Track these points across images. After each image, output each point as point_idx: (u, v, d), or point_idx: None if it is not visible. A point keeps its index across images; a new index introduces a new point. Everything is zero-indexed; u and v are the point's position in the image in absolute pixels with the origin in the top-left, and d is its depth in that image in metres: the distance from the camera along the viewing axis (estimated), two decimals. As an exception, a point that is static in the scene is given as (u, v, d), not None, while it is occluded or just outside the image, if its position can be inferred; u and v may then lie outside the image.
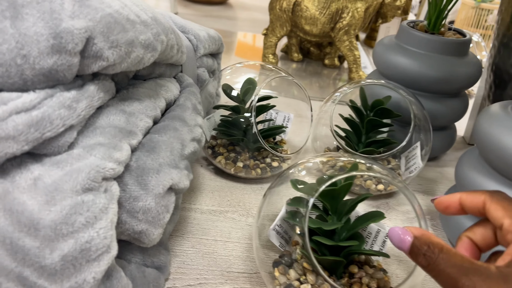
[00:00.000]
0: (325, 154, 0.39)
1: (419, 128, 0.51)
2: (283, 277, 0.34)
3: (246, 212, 0.46)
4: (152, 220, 0.30)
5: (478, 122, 0.42)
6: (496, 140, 0.38)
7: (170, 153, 0.32)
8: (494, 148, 0.39)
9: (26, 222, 0.25)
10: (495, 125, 0.39)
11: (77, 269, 0.25)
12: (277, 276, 0.35)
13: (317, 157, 0.37)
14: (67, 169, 0.26)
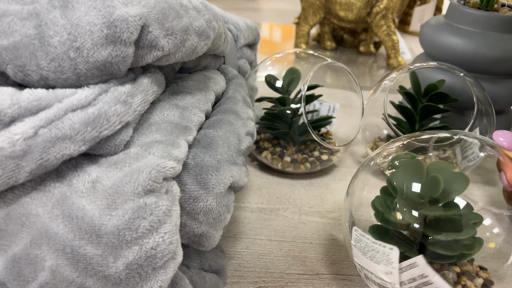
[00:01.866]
0: (400, 138, 0.36)
1: (481, 112, 0.48)
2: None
3: (298, 209, 0.44)
4: (213, 221, 0.28)
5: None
6: None
7: (228, 148, 0.30)
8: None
9: (87, 229, 0.23)
10: None
11: (143, 278, 0.23)
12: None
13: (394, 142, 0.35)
14: (126, 170, 0.24)
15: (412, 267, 0.28)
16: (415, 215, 0.30)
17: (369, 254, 0.30)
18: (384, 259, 0.29)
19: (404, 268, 0.28)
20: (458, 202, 0.31)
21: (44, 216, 0.23)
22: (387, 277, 0.29)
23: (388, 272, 0.29)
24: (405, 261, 0.28)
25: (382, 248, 0.29)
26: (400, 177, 0.31)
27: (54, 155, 0.22)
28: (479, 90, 0.47)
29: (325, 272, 0.36)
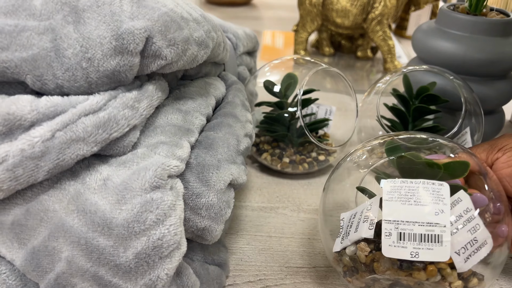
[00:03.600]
0: (382, 136, 0.38)
1: (469, 113, 0.50)
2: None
3: (296, 208, 0.46)
4: (214, 216, 0.30)
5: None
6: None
7: (227, 149, 0.32)
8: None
9: (100, 222, 0.25)
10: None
11: (151, 266, 0.25)
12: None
13: (375, 139, 0.37)
14: (134, 168, 0.26)
15: (458, 202, 0.29)
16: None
17: (414, 198, 0.29)
18: (435, 197, 0.29)
19: (453, 203, 0.28)
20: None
21: (60, 212, 0.26)
22: (437, 218, 0.28)
23: (439, 211, 0.28)
24: (451, 196, 0.28)
25: (432, 186, 0.29)
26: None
27: (69, 155, 0.25)
28: (467, 91, 0.49)
29: (322, 265, 0.38)
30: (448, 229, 0.28)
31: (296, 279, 0.37)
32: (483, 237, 0.29)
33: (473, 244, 0.29)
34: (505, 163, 0.34)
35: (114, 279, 0.26)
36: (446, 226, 0.28)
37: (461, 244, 0.28)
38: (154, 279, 0.25)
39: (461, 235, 0.28)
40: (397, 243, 0.29)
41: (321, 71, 0.52)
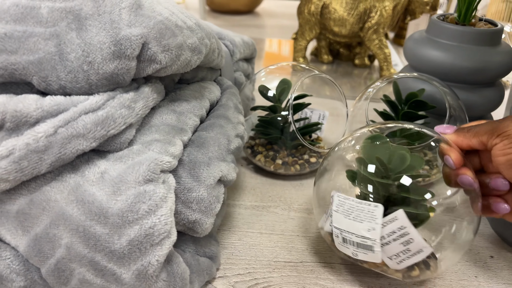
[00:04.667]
0: (371, 125, 0.41)
1: (455, 118, 0.52)
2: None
3: (287, 207, 0.48)
4: (205, 209, 0.32)
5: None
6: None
7: (218, 147, 0.34)
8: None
9: (96, 211, 0.27)
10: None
11: (143, 253, 0.28)
12: None
13: (364, 127, 0.40)
14: (130, 163, 0.29)
15: (392, 220, 0.32)
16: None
17: (353, 215, 0.33)
18: (369, 217, 0.33)
19: (385, 222, 0.32)
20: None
21: (61, 201, 0.28)
22: (369, 233, 0.33)
23: (371, 228, 0.33)
24: (387, 216, 0.32)
25: (367, 207, 0.33)
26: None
27: (70, 150, 0.27)
28: (453, 98, 0.51)
29: (308, 260, 0.40)
30: (378, 243, 0.33)
31: (283, 273, 0.39)
32: (418, 247, 0.33)
33: (406, 252, 0.33)
34: (501, 150, 0.33)
35: (109, 264, 0.28)
36: (376, 241, 0.33)
37: (393, 252, 0.34)
38: (145, 265, 0.28)
39: (394, 246, 0.33)
40: (343, 244, 0.35)
41: (319, 79, 0.54)
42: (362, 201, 0.33)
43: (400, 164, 0.35)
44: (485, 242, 0.44)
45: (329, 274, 0.39)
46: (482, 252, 0.43)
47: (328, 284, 0.38)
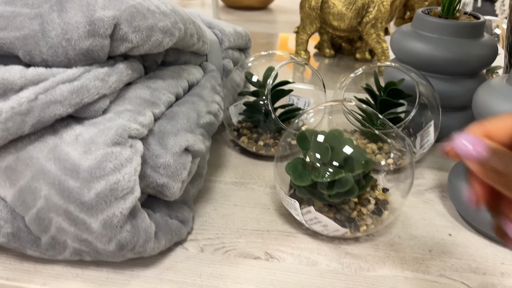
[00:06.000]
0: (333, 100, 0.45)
1: (432, 108, 0.54)
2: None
3: (264, 184, 0.51)
4: (171, 175, 0.37)
5: (476, 93, 0.44)
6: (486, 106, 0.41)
7: (187, 120, 0.38)
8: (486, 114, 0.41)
9: (70, 168, 0.32)
10: (488, 94, 0.42)
11: (108, 205, 0.32)
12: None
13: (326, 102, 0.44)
14: (101, 128, 0.33)
15: (308, 212, 0.40)
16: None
17: (286, 204, 0.42)
18: (293, 207, 0.40)
19: (304, 212, 0.40)
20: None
21: (41, 159, 0.33)
22: (298, 217, 0.41)
23: (296, 214, 0.41)
24: (304, 208, 0.40)
25: (290, 201, 0.40)
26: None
27: (49, 114, 0.32)
28: (427, 88, 0.53)
29: (274, 230, 0.44)
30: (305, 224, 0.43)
31: (249, 239, 0.43)
32: (334, 228, 0.40)
33: (328, 230, 0.41)
34: None
35: (80, 214, 0.32)
36: (303, 222, 0.42)
37: (318, 230, 0.43)
38: (110, 215, 0.32)
39: (316, 227, 0.41)
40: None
41: (312, 70, 0.57)
42: (287, 196, 0.42)
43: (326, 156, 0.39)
44: (447, 222, 0.46)
45: (291, 242, 0.42)
46: (442, 230, 0.45)
47: (288, 250, 0.41)
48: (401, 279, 0.39)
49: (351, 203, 0.43)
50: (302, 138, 0.42)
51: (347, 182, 0.40)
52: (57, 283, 0.37)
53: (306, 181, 0.40)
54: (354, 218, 0.42)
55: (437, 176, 0.55)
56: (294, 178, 0.41)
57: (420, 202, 0.50)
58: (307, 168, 0.42)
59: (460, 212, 0.47)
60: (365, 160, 0.41)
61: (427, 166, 0.57)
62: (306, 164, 0.42)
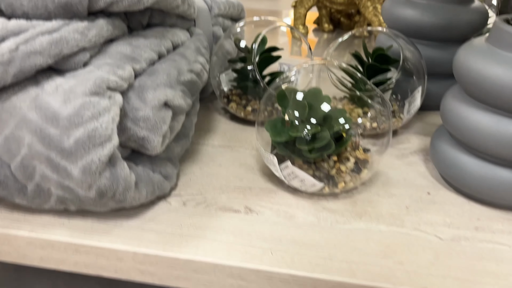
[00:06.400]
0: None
1: (418, 74, 0.55)
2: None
3: (251, 147, 0.53)
4: (151, 128, 0.38)
5: (457, 54, 0.45)
6: (466, 66, 0.42)
7: (167, 76, 0.39)
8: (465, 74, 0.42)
9: (50, 116, 0.33)
10: (468, 54, 0.42)
11: (87, 151, 0.33)
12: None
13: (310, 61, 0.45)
14: (80, 79, 0.34)
15: (286, 167, 0.41)
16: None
17: (266, 161, 0.42)
18: (272, 163, 0.41)
19: (282, 168, 0.40)
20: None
21: (24, 108, 0.34)
22: (277, 173, 0.41)
23: (275, 170, 0.41)
24: (282, 164, 0.41)
25: (269, 156, 0.41)
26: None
27: (29, 64, 0.33)
28: (414, 54, 0.54)
29: (256, 187, 0.45)
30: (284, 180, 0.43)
31: (231, 195, 0.44)
32: (311, 183, 0.42)
33: (305, 185, 0.43)
34: None
35: (61, 161, 0.34)
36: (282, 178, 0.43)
37: (296, 186, 0.44)
38: (89, 162, 0.34)
39: (294, 182, 0.43)
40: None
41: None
42: (266, 152, 0.43)
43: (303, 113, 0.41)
44: (428, 182, 0.47)
45: (271, 197, 0.44)
46: (421, 189, 0.46)
47: (267, 204, 0.43)
48: (375, 231, 0.40)
49: (331, 161, 0.44)
50: (282, 96, 0.43)
51: (323, 138, 0.41)
52: (44, 230, 0.38)
53: (284, 136, 0.41)
54: (333, 175, 0.43)
55: (423, 141, 0.55)
56: (273, 135, 0.42)
57: (403, 165, 0.50)
58: (286, 125, 0.43)
59: (441, 173, 0.47)
60: (343, 118, 0.42)
61: (414, 132, 0.58)
62: (285, 122, 0.43)
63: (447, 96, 0.47)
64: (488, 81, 0.39)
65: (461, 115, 0.43)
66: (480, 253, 0.38)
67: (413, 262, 0.37)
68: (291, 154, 0.43)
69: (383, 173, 0.49)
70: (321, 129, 0.41)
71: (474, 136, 0.42)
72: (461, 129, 0.43)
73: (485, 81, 0.40)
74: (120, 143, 0.39)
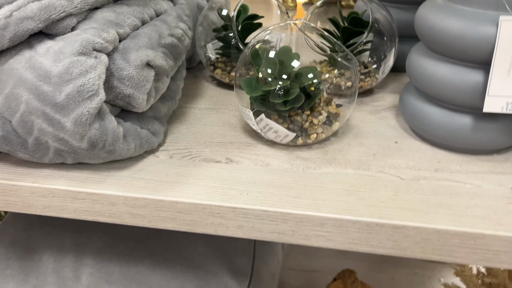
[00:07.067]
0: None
1: (391, 36, 0.58)
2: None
3: (235, 109, 0.57)
4: (135, 86, 0.42)
5: (418, 12, 0.48)
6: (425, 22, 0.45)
7: (148, 39, 0.43)
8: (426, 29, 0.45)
9: (43, 74, 0.38)
10: (428, 10, 0.46)
11: (77, 105, 0.38)
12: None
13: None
14: (68, 41, 0.38)
15: (261, 120, 0.45)
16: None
17: (244, 116, 0.45)
18: (249, 118, 0.45)
19: (258, 121, 0.45)
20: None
21: (20, 69, 0.38)
22: (254, 127, 0.46)
23: (252, 124, 0.46)
24: (257, 117, 0.45)
25: (246, 111, 0.45)
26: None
27: (22, 28, 0.37)
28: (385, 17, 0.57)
29: (237, 142, 0.49)
30: (260, 132, 0.48)
31: (214, 149, 0.48)
32: (284, 134, 0.46)
33: (280, 136, 0.47)
34: None
35: (55, 115, 0.38)
36: (259, 131, 0.48)
37: (270, 138, 0.48)
38: (80, 114, 0.38)
39: (269, 134, 0.47)
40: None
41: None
42: (243, 108, 0.47)
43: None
44: (396, 133, 0.51)
45: (250, 150, 0.48)
46: (390, 139, 0.50)
47: (246, 156, 0.47)
48: (343, 174, 0.44)
49: (304, 115, 0.48)
50: (255, 54, 0.47)
51: (293, 91, 0.44)
52: (45, 181, 0.43)
53: (259, 92, 0.45)
54: (306, 128, 0.47)
55: (396, 99, 0.59)
56: (248, 91, 0.46)
57: (375, 119, 0.54)
58: (260, 82, 0.46)
59: (408, 123, 0.51)
60: (312, 74, 0.46)
61: (389, 91, 0.61)
62: (259, 79, 0.47)
63: (411, 52, 0.50)
64: (443, 32, 0.43)
65: (423, 68, 0.46)
66: (436, 189, 0.42)
67: (374, 198, 0.41)
68: (267, 109, 0.46)
69: (355, 126, 0.52)
70: (291, 84, 0.45)
71: (434, 85, 0.45)
72: (423, 80, 0.46)
73: (440, 33, 0.43)
74: (109, 102, 0.43)
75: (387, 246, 0.39)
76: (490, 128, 0.44)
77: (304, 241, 0.40)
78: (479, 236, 0.37)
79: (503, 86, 0.40)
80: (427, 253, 0.39)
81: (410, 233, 0.38)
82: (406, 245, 0.39)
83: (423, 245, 0.38)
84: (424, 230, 0.38)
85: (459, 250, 0.38)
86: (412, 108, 0.49)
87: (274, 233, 0.41)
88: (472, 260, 0.39)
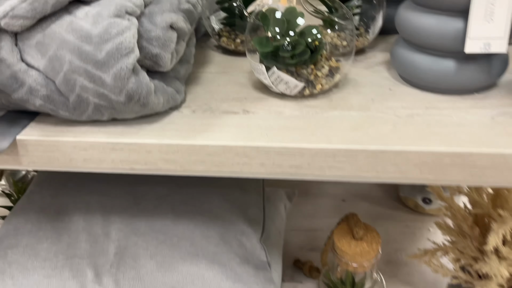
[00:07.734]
0: None
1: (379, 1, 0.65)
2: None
3: (243, 71, 0.62)
4: (162, 45, 0.47)
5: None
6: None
7: (170, 4, 0.49)
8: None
9: (84, 35, 0.43)
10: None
11: (116, 61, 0.43)
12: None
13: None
14: (104, 5, 0.44)
15: (272, 73, 0.51)
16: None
17: (257, 72, 0.51)
18: (261, 72, 0.51)
19: (269, 75, 0.50)
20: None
21: (62, 32, 0.43)
22: (266, 81, 0.51)
23: (264, 78, 0.52)
24: (269, 71, 0.50)
25: (259, 66, 0.51)
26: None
27: (64, -5, 0.42)
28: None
29: (250, 97, 0.55)
30: (272, 86, 0.53)
31: (230, 104, 0.54)
32: (294, 84, 0.52)
33: (289, 87, 0.53)
34: None
35: (96, 72, 0.43)
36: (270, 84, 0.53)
37: (280, 90, 0.54)
38: (119, 69, 0.43)
39: (281, 86, 0.53)
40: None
41: None
42: (256, 62, 0.53)
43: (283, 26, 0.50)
44: (389, 82, 0.58)
45: (264, 103, 0.54)
46: (384, 87, 0.56)
47: (261, 107, 0.53)
48: (347, 116, 0.50)
49: (309, 69, 0.54)
50: (264, 16, 0.52)
51: (300, 46, 0.50)
52: (85, 135, 0.48)
53: (269, 47, 0.51)
54: (312, 80, 0.53)
55: (386, 56, 0.65)
56: (260, 47, 0.52)
57: (369, 72, 0.61)
58: (270, 41, 0.52)
59: (399, 73, 0.58)
60: (316, 30, 0.52)
61: (380, 50, 0.68)
62: (269, 38, 0.52)
63: (400, 8, 0.56)
64: (427, -13, 0.49)
65: (410, 20, 0.53)
66: (428, 122, 0.48)
67: (376, 131, 0.47)
68: (277, 64, 0.52)
69: (353, 79, 0.59)
70: (297, 40, 0.51)
71: (421, 35, 0.52)
72: (411, 31, 0.53)
73: (425, -13, 0.50)
74: (138, 62, 0.48)
75: (390, 170, 0.46)
76: (470, 69, 0.51)
77: (319, 172, 0.47)
78: (466, 154, 0.44)
79: (480, 29, 0.47)
80: (424, 174, 0.45)
81: (409, 157, 0.45)
82: (406, 168, 0.45)
83: (421, 167, 0.45)
84: (421, 153, 0.44)
85: (451, 169, 0.45)
86: (402, 58, 0.55)
87: (292, 167, 0.47)
88: (461, 178, 0.46)
